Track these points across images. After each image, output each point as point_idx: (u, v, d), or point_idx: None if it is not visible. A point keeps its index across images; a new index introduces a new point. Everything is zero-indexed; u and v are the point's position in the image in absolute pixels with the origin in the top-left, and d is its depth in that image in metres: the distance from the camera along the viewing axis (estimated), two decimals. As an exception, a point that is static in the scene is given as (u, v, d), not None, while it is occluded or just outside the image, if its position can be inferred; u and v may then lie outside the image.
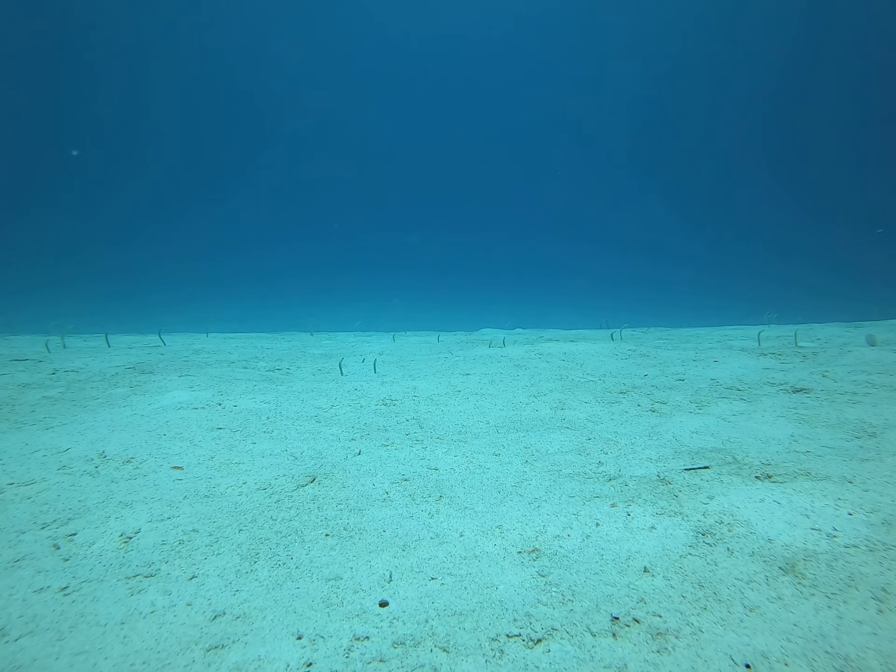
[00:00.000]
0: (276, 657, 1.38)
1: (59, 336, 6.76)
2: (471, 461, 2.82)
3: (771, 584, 1.63)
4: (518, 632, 1.46)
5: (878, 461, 2.52)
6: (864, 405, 3.37)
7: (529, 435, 3.21)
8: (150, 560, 1.86)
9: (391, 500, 2.36)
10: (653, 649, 1.38)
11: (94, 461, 2.75)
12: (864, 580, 1.62)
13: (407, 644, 1.42)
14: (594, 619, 1.50)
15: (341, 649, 1.41)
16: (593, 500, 2.28)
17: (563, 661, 1.34)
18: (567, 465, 2.71)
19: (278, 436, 3.23)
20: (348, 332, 10.31)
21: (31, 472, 2.59)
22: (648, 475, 2.53)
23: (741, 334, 7.23)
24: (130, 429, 3.26)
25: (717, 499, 2.22)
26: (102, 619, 1.54)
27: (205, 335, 8.72)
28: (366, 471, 2.69)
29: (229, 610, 1.58)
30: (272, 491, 2.45)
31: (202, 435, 3.20)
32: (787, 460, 2.60)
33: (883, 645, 1.35)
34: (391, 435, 3.28)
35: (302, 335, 9.15)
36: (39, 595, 1.65)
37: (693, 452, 2.79)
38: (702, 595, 1.59)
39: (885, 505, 2.08)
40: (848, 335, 6.38)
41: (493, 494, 2.39)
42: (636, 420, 3.41)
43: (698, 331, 8.23)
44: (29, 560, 1.84)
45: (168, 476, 2.60)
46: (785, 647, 1.36)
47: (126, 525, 2.10)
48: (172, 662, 1.36)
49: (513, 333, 8.82)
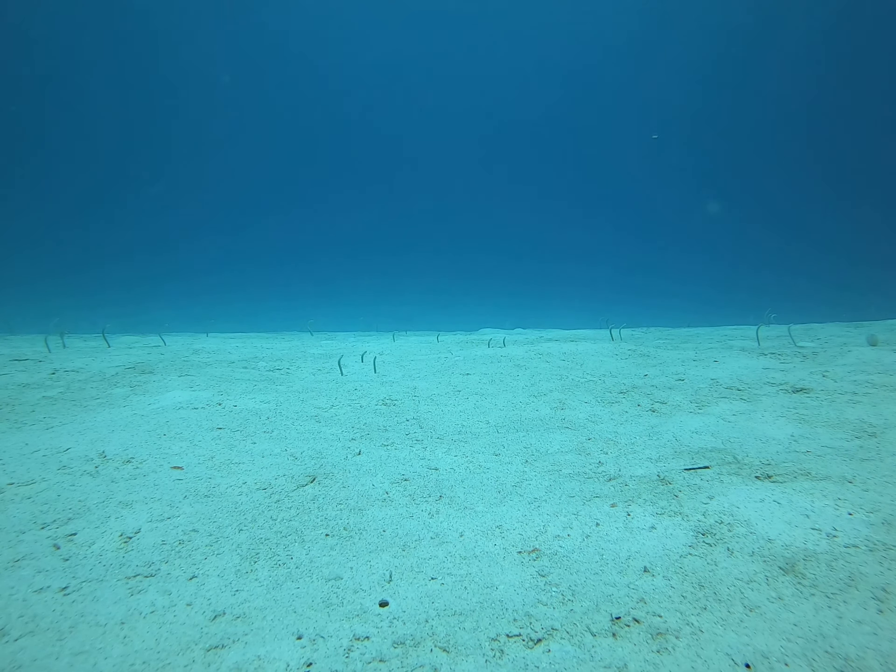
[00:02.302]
0: (276, 657, 1.38)
1: (58, 336, 6.76)
2: (471, 461, 2.82)
3: (771, 584, 1.63)
4: (518, 632, 1.46)
5: (878, 461, 2.52)
6: (864, 405, 3.37)
7: (529, 435, 3.21)
8: (150, 560, 1.86)
9: (391, 499, 2.36)
10: (653, 649, 1.38)
11: (94, 461, 2.75)
12: (864, 580, 1.62)
13: (407, 644, 1.42)
14: (594, 618, 1.50)
15: (341, 649, 1.41)
16: (593, 500, 2.28)
17: (563, 661, 1.34)
18: (567, 465, 2.71)
19: (278, 436, 3.23)
20: (348, 332, 10.32)
21: (31, 472, 2.59)
22: (648, 475, 2.53)
23: (741, 334, 7.24)
24: (130, 429, 3.26)
25: (717, 499, 2.22)
26: (102, 619, 1.54)
27: (205, 335, 8.72)
28: (366, 471, 2.69)
29: (229, 610, 1.58)
30: (272, 491, 2.45)
31: (202, 435, 3.20)
32: (787, 460, 2.60)
33: (883, 645, 1.35)
34: (391, 435, 3.28)
35: (302, 335, 9.15)
36: (39, 595, 1.65)
37: (693, 452, 2.79)
38: (702, 595, 1.59)
39: (885, 505, 2.08)
40: (848, 335, 6.38)
41: (493, 494, 2.39)
42: (636, 420, 3.41)
43: (698, 331, 8.23)
44: (29, 560, 1.84)
45: (168, 476, 2.60)
46: (785, 647, 1.36)
47: (126, 525, 2.10)
48: (172, 662, 1.36)
49: (513, 333, 8.82)
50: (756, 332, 6.67)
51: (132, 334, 8.52)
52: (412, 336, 8.96)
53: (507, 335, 8.28)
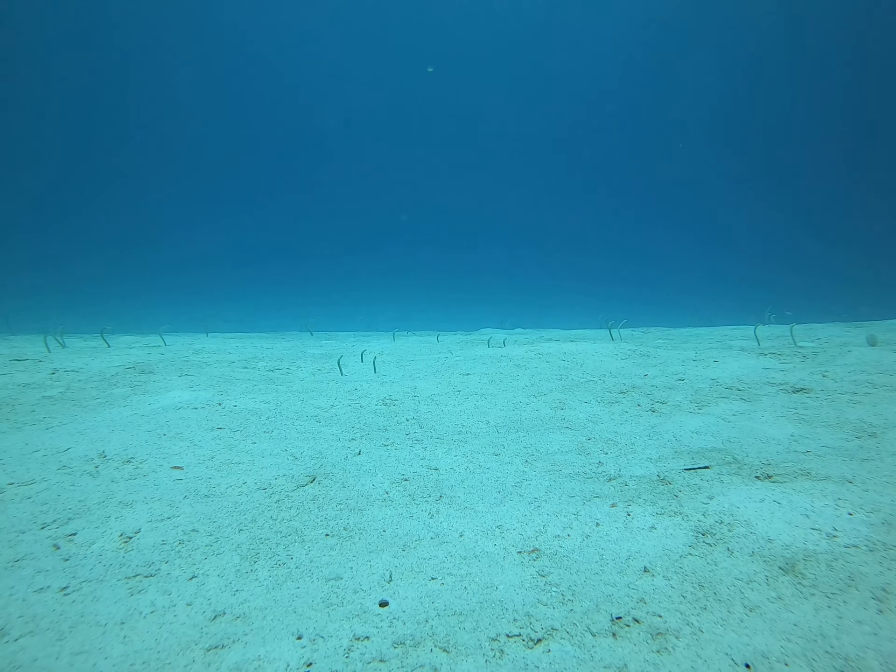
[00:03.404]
0: (276, 657, 1.38)
1: (58, 335, 6.76)
2: (471, 461, 2.82)
3: (771, 584, 1.63)
4: (518, 632, 1.46)
5: (878, 461, 2.52)
6: (864, 405, 3.37)
7: (529, 435, 3.21)
8: (150, 560, 1.86)
9: (391, 499, 2.36)
10: (653, 649, 1.38)
11: (94, 461, 2.75)
12: (864, 580, 1.62)
13: (407, 644, 1.42)
14: (594, 618, 1.50)
15: (341, 649, 1.41)
16: (593, 500, 2.28)
17: (563, 661, 1.34)
18: (567, 465, 2.71)
19: (278, 436, 3.23)
20: (348, 332, 10.32)
21: (31, 472, 2.59)
22: (648, 475, 2.53)
23: (741, 334, 7.23)
24: (130, 429, 3.26)
25: (717, 499, 2.22)
26: (102, 619, 1.54)
27: (205, 335, 8.72)
28: (366, 471, 2.69)
29: (229, 610, 1.58)
30: (272, 491, 2.45)
31: (202, 435, 3.20)
32: (787, 460, 2.60)
33: (883, 645, 1.35)
34: (391, 435, 3.28)
35: (302, 335, 9.15)
36: (39, 595, 1.65)
37: (693, 452, 2.79)
38: (702, 595, 1.59)
39: (885, 505, 2.08)
40: (848, 335, 6.38)
41: (493, 494, 2.39)
42: (636, 420, 3.41)
43: (698, 331, 8.23)
44: (29, 560, 1.84)
45: (168, 476, 2.60)
46: (785, 647, 1.36)
47: (126, 525, 2.10)
48: (172, 662, 1.36)
49: (513, 333, 8.82)
50: (755, 333, 6.67)
51: (132, 334, 8.52)
52: (412, 336, 8.96)
53: (507, 335, 8.28)
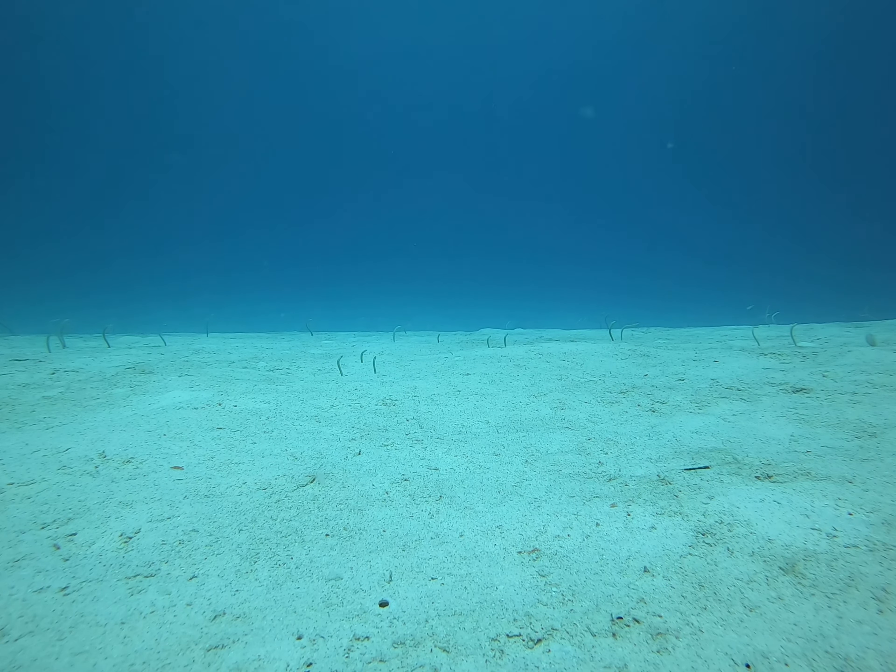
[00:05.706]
0: (276, 657, 1.38)
1: (58, 335, 6.76)
2: (471, 461, 2.82)
3: (771, 584, 1.63)
4: (518, 632, 1.46)
5: (878, 461, 2.52)
6: (864, 405, 3.37)
7: (529, 435, 3.21)
8: (150, 560, 1.86)
9: (391, 499, 2.36)
10: (653, 649, 1.38)
11: (94, 461, 2.75)
12: (864, 580, 1.62)
13: (407, 644, 1.42)
14: (594, 619, 1.50)
15: (341, 649, 1.41)
16: (593, 500, 2.28)
17: (563, 661, 1.34)
18: (567, 465, 2.71)
19: (278, 436, 3.23)
20: (348, 332, 10.32)
21: (31, 472, 2.59)
22: (648, 475, 2.53)
23: (741, 334, 7.23)
24: (130, 429, 3.26)
25: (717, 499, 2.22)
26: (102, 619, 1.54)
27: (205, 335, 8.72)
28: (366, 471, 2.69)
29: (229, 610, 1.58)
30: (272, 491, 2.45)
31: (202, 435, 3.20)
32: (787, 460, 2.60)
33: (883, 645, 1.35)
34: (391, 435, 3.28)
35: (302, 335, 9.15)
36: (39, 595, 1.65)
37: (693, 452, 2.79)
38: (702, 595, 1.59)
39: (885, 505, 2.08)
40: (848, 335, 6.38)
41: (493, 494, 2.39)
42: (636, 420, 3.41)
43: (698, 331, 8.23)
44: (29, 560, 1.84)
45: (168, 476, 2.60)
46: (785, 647, 1.36)
47: (126, 525, 2.10)
48: (172, 662, 1.36)
49: (513, 333, 8.82)
50: (754, 333, 6.67)
51: (132, 334, 8.52)
52: (412, 336, 8.96)
53: (508, 335, 8.28)
